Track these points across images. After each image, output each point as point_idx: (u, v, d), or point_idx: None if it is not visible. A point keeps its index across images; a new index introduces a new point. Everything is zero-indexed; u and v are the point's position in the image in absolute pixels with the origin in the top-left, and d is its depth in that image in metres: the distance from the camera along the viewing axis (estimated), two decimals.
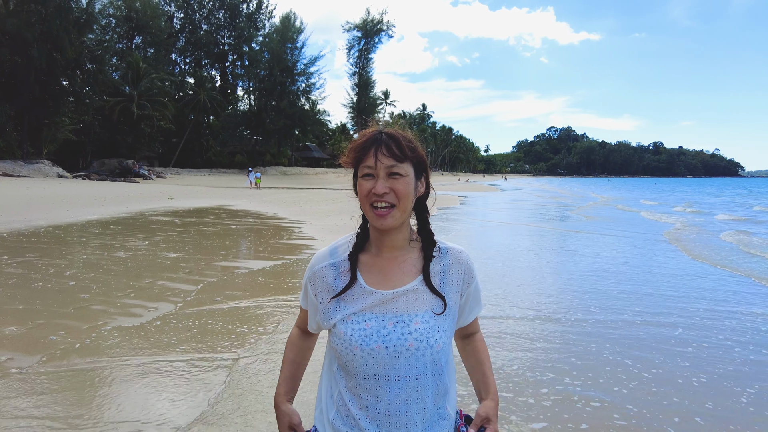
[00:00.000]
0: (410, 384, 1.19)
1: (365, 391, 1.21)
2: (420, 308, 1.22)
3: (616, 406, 3.34)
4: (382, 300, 1.22)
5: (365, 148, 1.20)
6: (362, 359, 1.18)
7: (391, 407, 1.19)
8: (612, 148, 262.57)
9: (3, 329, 4.47)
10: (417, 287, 1.23)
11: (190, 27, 61.89)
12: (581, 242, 11.82)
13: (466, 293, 1.29)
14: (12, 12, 33.27)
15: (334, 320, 1.24)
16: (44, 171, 32.53)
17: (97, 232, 10.96)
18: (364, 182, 1.20)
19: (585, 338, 4.70)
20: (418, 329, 1.19)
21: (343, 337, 1.21)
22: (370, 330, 1.19)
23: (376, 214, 1.19)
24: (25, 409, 3.08)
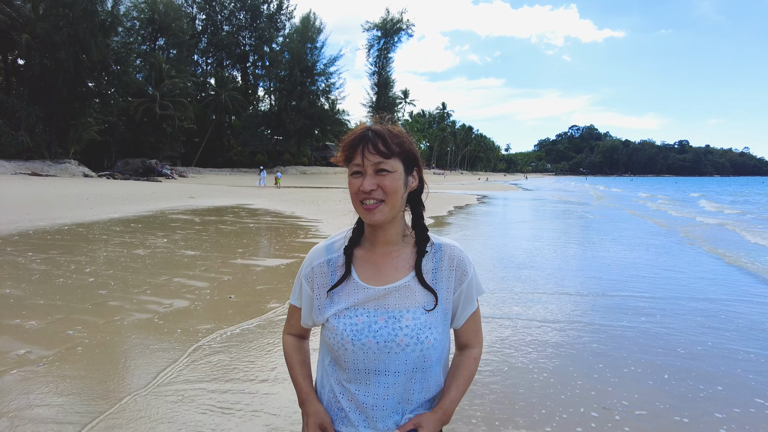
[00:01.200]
0: (399, 379, 1.22)
1: (356, 384, 1.24)
2: (411, 305, 1.24)
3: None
4: (374, 296, 1.24)
5: (353, 146, 1.21)
6: (353, 353, 1.22)
7: (379, 401, 1.23)
8: (636, 147, 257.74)
9: (24, 323, 4.61)
10: (409, 283, 1.25)
11: (212, 28, 62.75)
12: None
13: (458, 290, 1.28)
14: (41, 16, 34.19)
15: (327, 314, 1.27)
16: (71, 170, 33.38)
17: (118, 230, 11.21)
18: (353, 180, 1.22)
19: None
20: (408, 325, 1.21)
21: (335, 332, 1.24)
22: (362, 325, 1.22)
23: (364, 209, 1.21)
24: (39, 400, 3.18)
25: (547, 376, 3.79)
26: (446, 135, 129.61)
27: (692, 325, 5.13)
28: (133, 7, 48.87)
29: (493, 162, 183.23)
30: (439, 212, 18.30)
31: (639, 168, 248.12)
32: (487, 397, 3.40)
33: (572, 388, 3.59)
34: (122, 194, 20.87)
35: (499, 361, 4.07)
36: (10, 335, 4.33)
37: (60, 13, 34.46)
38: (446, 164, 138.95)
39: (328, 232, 11.51)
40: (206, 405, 3.19)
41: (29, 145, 32.79)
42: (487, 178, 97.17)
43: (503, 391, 3.52)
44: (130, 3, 47.80)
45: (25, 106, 32.95)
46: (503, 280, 7.18)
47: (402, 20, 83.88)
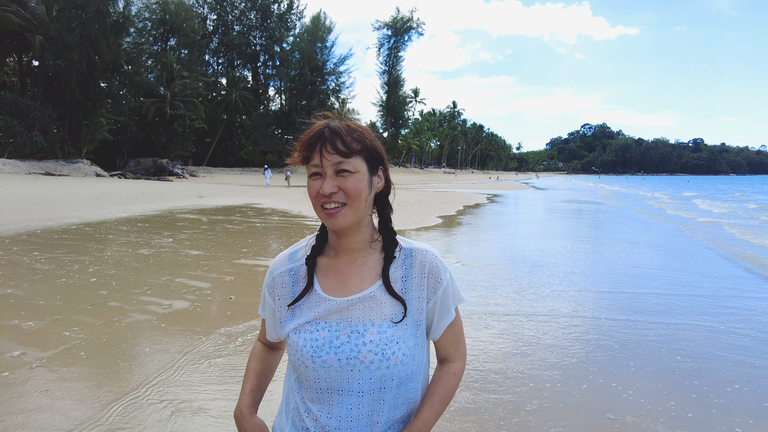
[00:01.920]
0: (363, 399, 1.11)
1: (318, 404, 1.13)
2: (377, 317, 1.12)
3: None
4: (337, 308, 1.13)
5: (311, 145, 1.10)
6: (314, 371, 1.11)
7: (343, 423, 1.11)
8: (649, 146, 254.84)
9: (22, 324, 4.59)
10: (374, 293, 1.13)
11: (223, 28, 63.08)
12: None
13: (433, 299, 1.16)
14: (55, 18, 34.57)
15: (287, 329, 1.17)
16: (83, 170, 33.73)
17: (125, 229, 11.23)
18: (312, 182, 1.11)
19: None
20: (373, 340, 1.10)
21: (295, 348, 1.13)
22: (323, 341, 1.11)
23: (326, 214, 1.10)
24: (28, 404, 3.12)
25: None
26: (457, 134, 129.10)
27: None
28: (144, 7, 49.23)
29: (504, 161, 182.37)
30: (448, 211, 18.17)
31: (652, 167, 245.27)
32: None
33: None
34: (132, 194, 21.00)
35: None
36: (6, 336, 4.30)
37: (73, 14, 34.80)
38: (457, 163, 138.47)
39: None
40: (198, 409, 3.11)
41: (43, 145, 33.18)
42: (497, 177, 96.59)
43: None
44: (142, 4, 48.16)
45: (39, 107, 33.33)
46: (515, 279, 7.05)
47: (412, 19, 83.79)
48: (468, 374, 3.74)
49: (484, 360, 4.07)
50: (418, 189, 37.85)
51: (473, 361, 4.02)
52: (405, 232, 12.12)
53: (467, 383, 3.61)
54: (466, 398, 3.38)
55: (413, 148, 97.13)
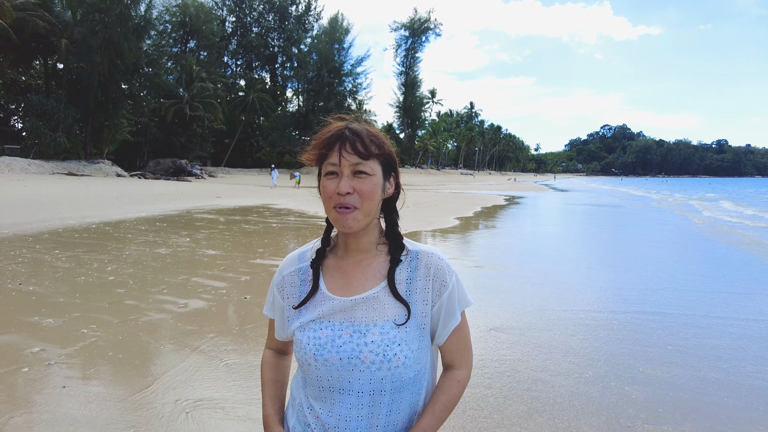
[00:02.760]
0: (363, 400, 1.11)
1: (320, 402, 1.15)
2: (380, 318, 1.12)
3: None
4: (340, 308, 1.14)
5: (329, 144, 1.12)
6: (317, 369, 1.12)
7: (341, 422, 1.11)
8: (670, 147, 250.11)
9: (42, 321, 4.66)
10: (378, 294, 1.14)
11: (242, 30, 63.76)
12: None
13: (438, 303, 1.15)
14: (79, 22, 35.32)
15: (293, 327, 1.19)
16: (105, 170, 34.36)
17: (143, 228, 11.39)
18: (328, 181, 1.12)
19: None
20: (374, 341, 1.10)
21: (299, 345, 1.15)
22: (325, 339, 1.12)
23: (338, 214, 1.11)
24: (43, 399, 3.17)
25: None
26: (474, 135, 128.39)
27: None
28: (165, 10, 50.02)
29: (522, 162, 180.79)
30: (465, 213, 18.06)
31: (674, 168, 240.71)
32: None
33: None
34: (151, 193, 21.31)
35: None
36: (27, 332, 4.38)
37: (96, 18, 35.50)
38: (474, 164, 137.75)
39: None
40: (211, 408, 3.12)
41: (66, 145, 33.89)
42: (515, 179, 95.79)
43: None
44: (163, 7, 48.93)
45: (63, 108, 34.06)
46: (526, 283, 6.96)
47: (430, 20, 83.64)
48: (483, 382, 3.68)
49: (497, 367, 4.02)
50: (434, 190, 37.73)
51: (495, 373, 3.97)
52: (420, 233, 12.08)
53: (476, 389, 3.56)
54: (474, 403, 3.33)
55: (430, 149, 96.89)
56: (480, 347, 4.36)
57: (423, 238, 11.26)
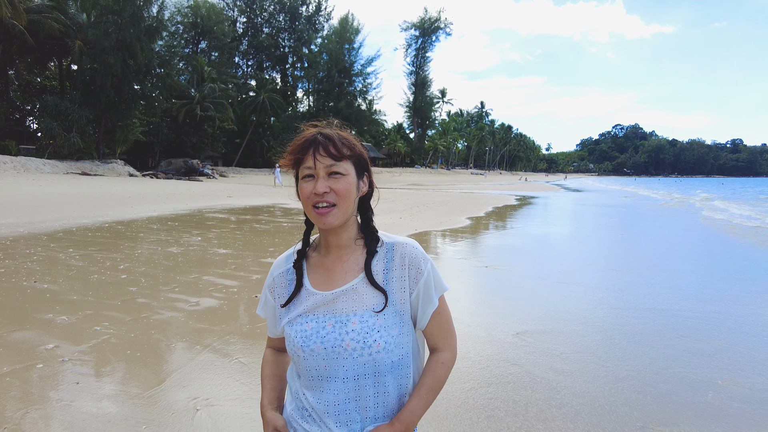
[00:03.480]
0: (348, 385, 1.20)
1: (310, 390, 1.24)
2: (359, 308, 1.21)
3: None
4: (323, 301, 1.23)
5: (304, 149, 1.21)
6: (305, 360, 1.21)
7: (331, 408, 1.21)
8: (683, 147, 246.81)
9: (56, 318, 4.72)
10: (356, 286, 1.23)
11: (253, 31, 64.12)
12: None
13: (416, 290, 1.23)
14: (92, 23, 35.75)
15: (282, 323, 1.30)
16: (117, 170, 34.73)
17: (155, 227, 11.49)
18: (305, 184, 1.21)
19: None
20: (355, 329, 1.19)
21: (289, 339, 1.25)
22: (311, 331, 1.21)
23: (317, 213, 1.20)
24: (56, 395, 3.20)
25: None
26: (484, 134, 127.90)
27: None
28: (176, 11, 50.44)
29: (533, 162, 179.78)
30: (476, 213, 17.99)
31: (687, 169, 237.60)
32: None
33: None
34: (163, 193, 21.49)
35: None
36: (42, 329, 4.43)
37: (109, 19, 35.90)
38: (484, 164, 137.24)
39: None
40: (221, 406, 3.13)
41: (80, 145, 34.31)
42: (526, 179, 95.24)
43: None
44: (174, 8, 49.35)
45: (76, 109, 34.48)
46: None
47: (440, 19, 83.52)
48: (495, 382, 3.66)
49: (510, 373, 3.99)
50: (444, 190, 37.64)
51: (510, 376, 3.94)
52: (430, 233, 12.05)
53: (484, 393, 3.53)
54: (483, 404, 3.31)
55: (440, 148, 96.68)
56: (502, 350, 4.34)
57: (433, 238, 11.24)
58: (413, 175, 72.04)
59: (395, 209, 17.64)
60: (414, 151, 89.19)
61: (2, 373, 3.52)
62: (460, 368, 3.83)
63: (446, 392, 3.41)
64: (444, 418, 3.10)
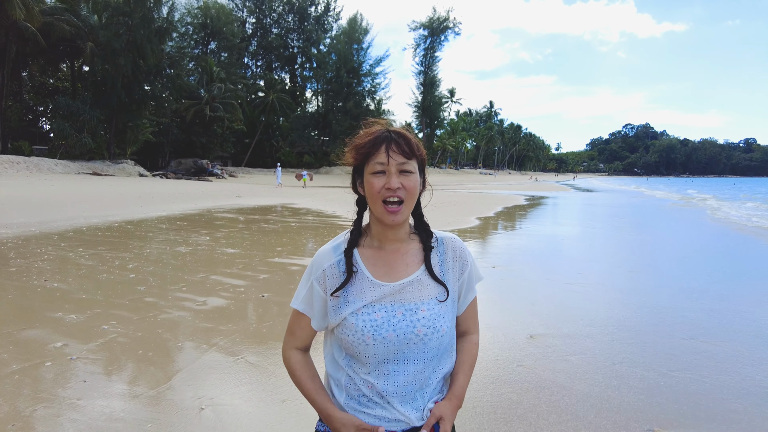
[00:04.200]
0: (418, 367, 1.28)
1: (375, 374, 1.27)
2: (425, 297, 1.30)
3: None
4: (390, 292, 1.28)
5: (375, 145, 1.24)
6: (375, 347, 1.25)
7: (399, 388, 1.27)
8: (695, 146, 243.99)
9: (65, 316, 4.77)
10: (420, 277, 1.31)
11: (262, 31, 64.38)
12: None
13: (461, 279, 1.37)
14: (104, 25, 36.12)
15: (344, 314, 1.28)
16: (127, 170, 35.05)
17: (164, 227, 11.57)
18: (375, 179, 1.24)
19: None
20: (425, 316, 1.27)
21: (354, 329, 1.26)
22: (381, 320, 1.26)
23: (387, 210, 1.24)
24: (65, 393, 3.23)
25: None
26: (493, 134, 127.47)
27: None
28: (186, 12, 50.80)
29: (542, 161, 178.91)
30: (485, 213, 17.93)
31: (699, 168, 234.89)
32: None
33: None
34: (173, 193, 21.65)
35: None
36: (51, 327, 4.48)
37: (120, 21, 36.28)
38: (493, 164, 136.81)
39: None
40: (227, 404, 3.14)
41: (91, 146, 34.70)
42: (536, 178, 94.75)
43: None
44: (184, 9, 49.70)
45: (88, 110, 34.87)
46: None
47: (449, 19, 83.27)
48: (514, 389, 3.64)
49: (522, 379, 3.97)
50: (453, 189, 37.55)
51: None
52: None
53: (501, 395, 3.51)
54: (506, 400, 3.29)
55: (449, 148, 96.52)
56: (511, 352, 4.32)
57: None
58: None
59: None
60: None
61: (12, 370, 3.56)
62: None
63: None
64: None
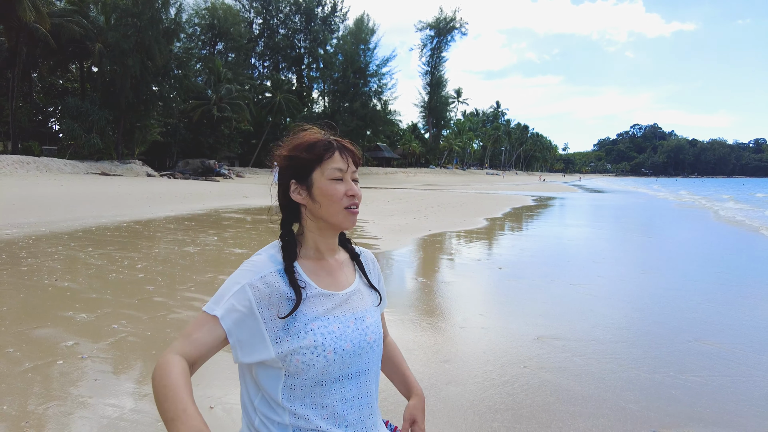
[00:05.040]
0: (366, 378, 1.25)
1: (330, 396, 1.17)
2: (366, 305, 1.30)
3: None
4: (339, 302, 1.24)
5: (329, 148, 1.22)
6: (335, 363, 1.16)
7: (355, 403, 1.22)
8: (704, 147, 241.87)
9: (75, 316, 4.82)
10: (359, 286, 1.32)
11: (268, 32, 64.52)
12: None
13: (379, 287, 1.40)
14: (112, 26, 36.42)
15: (299, 331, 1.12)
16: (135, 170, 35.30)
17: (172, 227, 11.65)
18: (337, 184, 1.21)
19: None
20: (371, 324, 1.27)
21: (314, 345, 1.12)
22: (339, 332, 1.19)
23: (351, 213, 1.24)
24: (76, 391, 3.28)
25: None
26: (500, 134, 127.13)
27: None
28: (194, 13, 51.08)
29: (549, 162, 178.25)
30: (493, 213, 17.89)
31: (707, 169, 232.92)
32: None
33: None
34: (180, 193, 21.78)
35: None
36: (62, 327, 4.53)
37: (129, 22, 36.54)
38: (500, 164, 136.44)
39: (375, 233, 11.47)
40: (235, 404, 3.18)
41: (100, 146, 34.97)
42: (544, 179, 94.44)
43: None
44: (192, 10, 49.98)
45: (96, 110, 35.15)
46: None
47: (455, 19, 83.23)
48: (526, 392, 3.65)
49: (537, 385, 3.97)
50: (459, 190, 37.51)
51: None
52: (445, 234, 12.03)
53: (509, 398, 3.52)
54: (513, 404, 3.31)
55: (455, 148, 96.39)
56: (518, 353, 4.33)
57: (447, 239, 11.21)
58: (428, 175, 71.88)
59: (409, 210, 17.65)
60: (429, 151, 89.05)
61: (25, 368, 3.61)
62: (471, 370, 3.83)
63: (458, 393, 3.42)
64: (460, 415, 3.10)
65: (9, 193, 16.55)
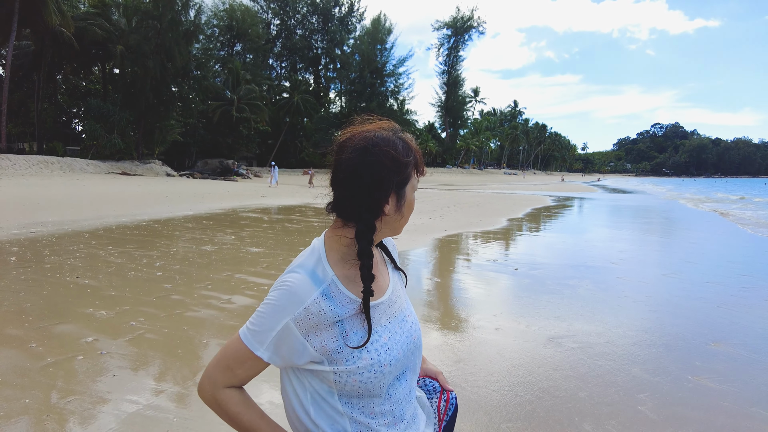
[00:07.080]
0: (414, 374, 1.23)
1: (385, 403, 1.13)
2: (403, 299, 1.25)
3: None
4: (384, 309, 1.17)
5: (417, 164, 1.19)
6: (390, 373, 1.12)
7: (403, 404, 1.18)
8: (728, 146, 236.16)
9: (95, 312, 4.93)
10: (393, 278, 1.25)
11: (286, 33, 65.10)
12: None
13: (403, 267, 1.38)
14: (134, 29, 37.12)
15: (362, 354, 1.08)
16: (155, 170, 35.90)
17: (191, 226, 11.81)
18: (412, 197, 1.18)
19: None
20: (413, 322, 1.23)
21: (371, 363, 1.08)
22: (389, 342, 1.13)
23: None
24: (95, 387, 3.35)
25: None
26: (518, 133, 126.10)
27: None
28: (213, 15, 51.74)
29: (568, 161, 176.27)
30: (513, 214, 17.77)
31: (732, 168, 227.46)
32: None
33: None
34: (199, 193, 22.07)
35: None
36: (83, 323, 4.63)
37: (149, 24, 37.21)
38: (518, 164, 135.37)
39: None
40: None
41: (121, 146, 35.65)
42: (562, 179, 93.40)
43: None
44: (211, 12, 50.62)
45: (118, 111, 35.86)
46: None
47: (472, 18, 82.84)
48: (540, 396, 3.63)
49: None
50: (476, 190, 37.32)
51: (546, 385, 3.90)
52: (461, 235, 11.98)
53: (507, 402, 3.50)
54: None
55: (472, 148, 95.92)
56: (531, 354, 4.30)
57: (463, 240, 11.17)
58: (444, 175, 71.69)
59: (425, 210, 17.61)
60: (445, 151, 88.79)
61: (47, 363, 3.71)
62: (483, 371, 3.82)
63: (469, 393, 3.41)
64: (486, 413, 3.10)
65: (34, 193, 16.97)
